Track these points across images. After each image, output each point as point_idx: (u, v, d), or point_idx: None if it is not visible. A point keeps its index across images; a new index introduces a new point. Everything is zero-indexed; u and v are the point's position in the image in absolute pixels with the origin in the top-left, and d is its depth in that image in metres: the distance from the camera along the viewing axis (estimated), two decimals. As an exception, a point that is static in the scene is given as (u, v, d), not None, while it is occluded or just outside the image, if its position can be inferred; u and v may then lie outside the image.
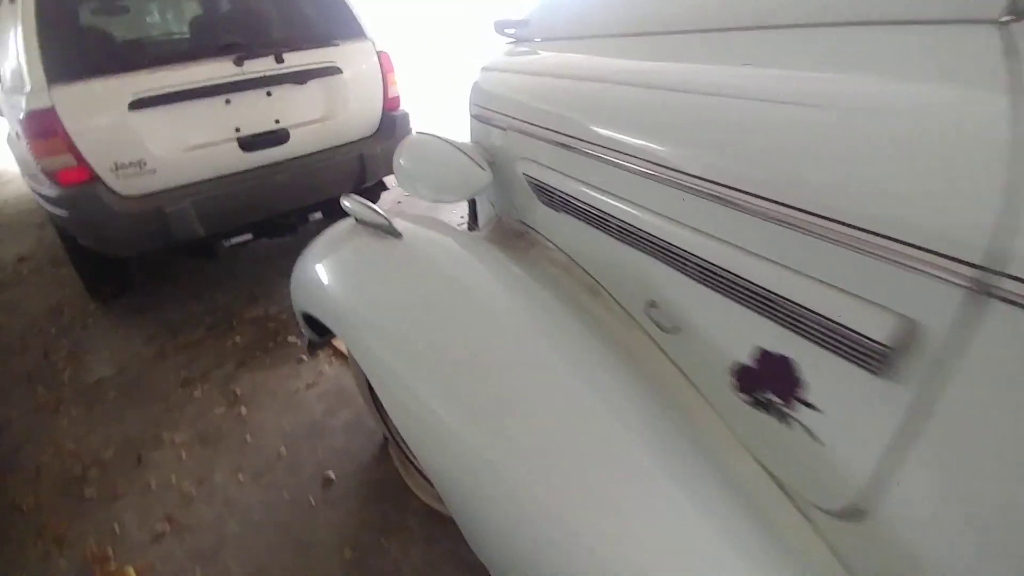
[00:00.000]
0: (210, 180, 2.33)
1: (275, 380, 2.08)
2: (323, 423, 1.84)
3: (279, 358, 2.21)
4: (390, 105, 2.76)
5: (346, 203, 1.27)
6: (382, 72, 2.67)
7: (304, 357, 2.18)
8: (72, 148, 2.01)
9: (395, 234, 1.15)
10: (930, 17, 0.55)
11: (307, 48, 2.45)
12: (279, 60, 2.37)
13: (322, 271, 1.25)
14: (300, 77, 2.43)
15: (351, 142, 2.68)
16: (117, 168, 2.11)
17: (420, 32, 9.08)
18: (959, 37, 0.52)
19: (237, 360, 2.22)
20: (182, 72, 2.19)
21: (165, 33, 2.55)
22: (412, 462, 1.57)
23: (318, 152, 2.57)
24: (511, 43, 1.55)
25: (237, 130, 2.36)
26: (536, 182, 1.26)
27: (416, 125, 2.94)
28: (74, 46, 2.11)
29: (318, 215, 2.73)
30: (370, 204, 1.21)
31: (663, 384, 0.93)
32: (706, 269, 0.78)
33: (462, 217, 3.20)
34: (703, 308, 0.84)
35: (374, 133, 2.77)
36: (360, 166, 2.64)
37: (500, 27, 1.57)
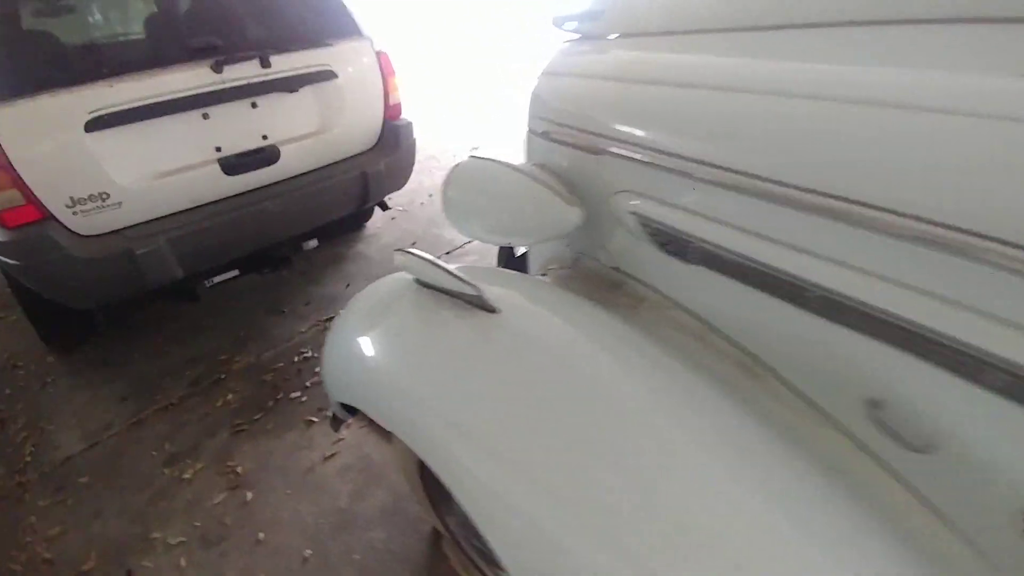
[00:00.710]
0: (188, 212, 1.96)
1: (283, 452, 1.74)
2: (353, 511, 1.51)
3: (283, 420, 1.86)
4: (391, 113, 2.40)
5: (401, 259, 0.96)
6: (382, 75, 2.32)
7: (314, 419, 1.84)
8: (17, 182, 1.62)
9: (488, 309, 0.84)
10: None
11: (297, 49, 2.08)
12: (265, 64, 2.00)
13: (373, 356, 0.94)
14: (290, 84, 2.06)
15: (349, 158, 2.32)
16: (74, 203, 1.73)
17: (408, 24, 8.63)
18: None
19: (232, 426, 1.86)
20: (149, 82, 1.80)
21: (127, 35, 2.15)
22: (476, 564, 1.27)
23: (313, 171, 2.21)
24: (571, 40, 1.27)
25: (218, 150, 1.98)
26: (654, 223, 0.97)
27: (419, 136, 2.61)
28: (14, 56, 1.71)
29: (313, 243, 2.38)
30: (445, 265, 0.90)
31: (899, 517, 0.68)
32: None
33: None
34: (994, 426, 0.59)
35: (374, 146, 2.41)
36: (362, 185, 2.29)
37: (560, 21, 1.28)
